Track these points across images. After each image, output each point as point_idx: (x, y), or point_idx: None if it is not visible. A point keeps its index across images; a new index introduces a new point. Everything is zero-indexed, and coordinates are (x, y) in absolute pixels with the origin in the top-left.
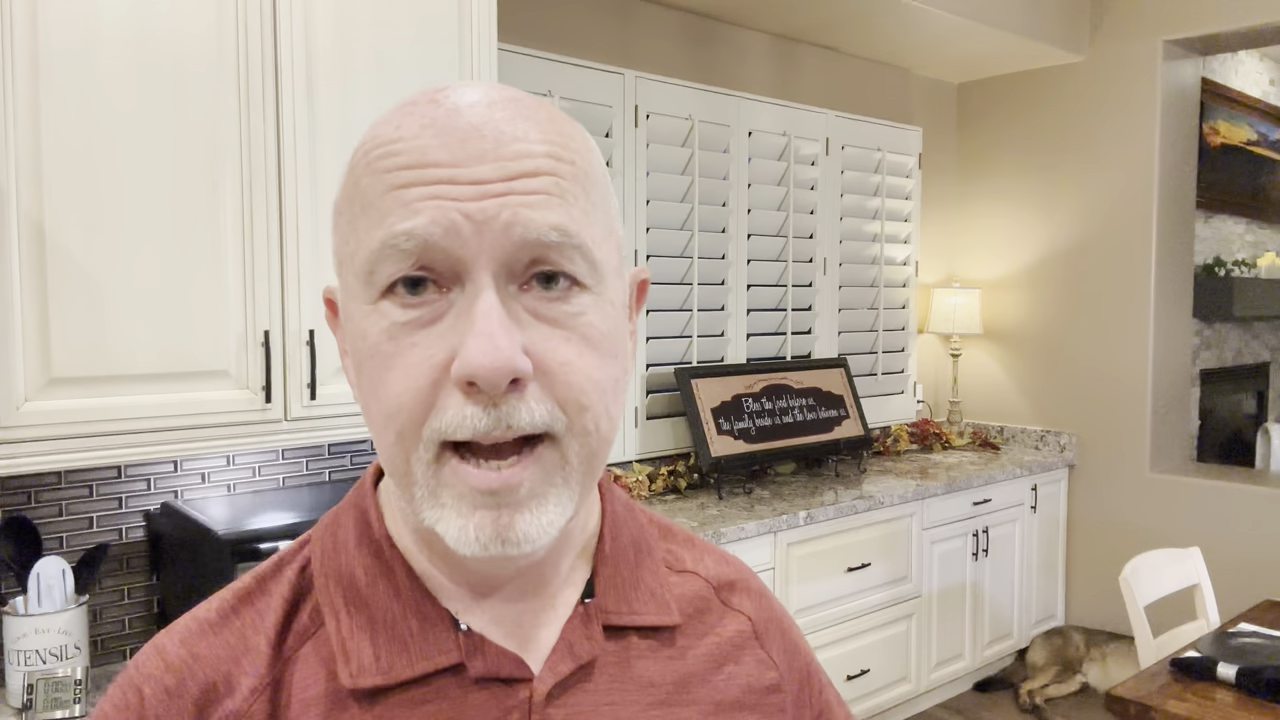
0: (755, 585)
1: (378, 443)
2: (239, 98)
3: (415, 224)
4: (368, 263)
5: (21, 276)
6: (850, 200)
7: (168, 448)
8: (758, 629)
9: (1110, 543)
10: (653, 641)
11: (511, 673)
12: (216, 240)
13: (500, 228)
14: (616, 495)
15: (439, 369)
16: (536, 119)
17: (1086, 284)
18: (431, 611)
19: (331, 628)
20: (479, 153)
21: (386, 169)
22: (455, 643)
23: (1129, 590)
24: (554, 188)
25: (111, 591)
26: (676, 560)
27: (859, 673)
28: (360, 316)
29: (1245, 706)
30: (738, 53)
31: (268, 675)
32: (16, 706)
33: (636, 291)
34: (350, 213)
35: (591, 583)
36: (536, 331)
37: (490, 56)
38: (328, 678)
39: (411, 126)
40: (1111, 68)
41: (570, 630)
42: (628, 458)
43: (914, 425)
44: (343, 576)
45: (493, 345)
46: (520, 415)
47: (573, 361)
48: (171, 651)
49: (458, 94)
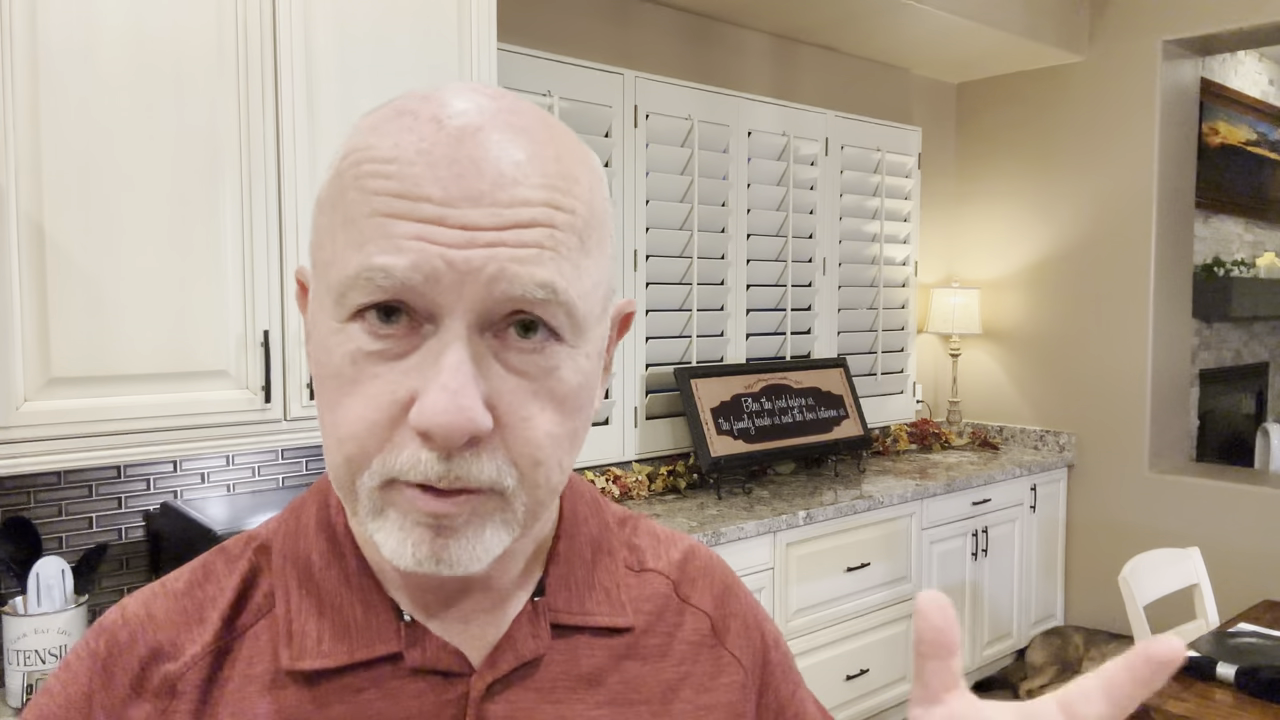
0: (719, 577)
1: (327, 456)
2: (239, 98)
3: (396, 263)
4: (340, 285)
5: (21, 276)
6: (850, 200)
7: (167, 448)
8: (716, 626)
9: (1109, 543)
10: (606, 642)
11: (450, 666)
12: (216, 240)
13: (484, 280)
14: (580, 493)
15: (399, 406)
16: (541, 158)
17: (1086, 284)
18: (377, 600)
19: (281, 609)
20: (475, 194)
21: (375, 191)
22: (396, 632)
23: (1128, 590)
24: (547, 240)
25: (111, 592)
26: (637, 560)
27: (859, 673)
28: (327, 332)
29: (1244, 706)
30: (737, 53)
31: (211, 644)
32: (16, 706)
33: (619, 325)
34: (331, 219)
35: (542, 582)
36: (504, 383)
37: (490, 56)
38: (273, 657)
39: (408, 149)
40: (1111, 68)
41: (516, 628)
42: (627, 458)
43: (913, 425)
44: (299, 559)
45: (455, 405)
46: (472, 470)
47: (534, 418)
48: (131, 610)
49: (462, 114)
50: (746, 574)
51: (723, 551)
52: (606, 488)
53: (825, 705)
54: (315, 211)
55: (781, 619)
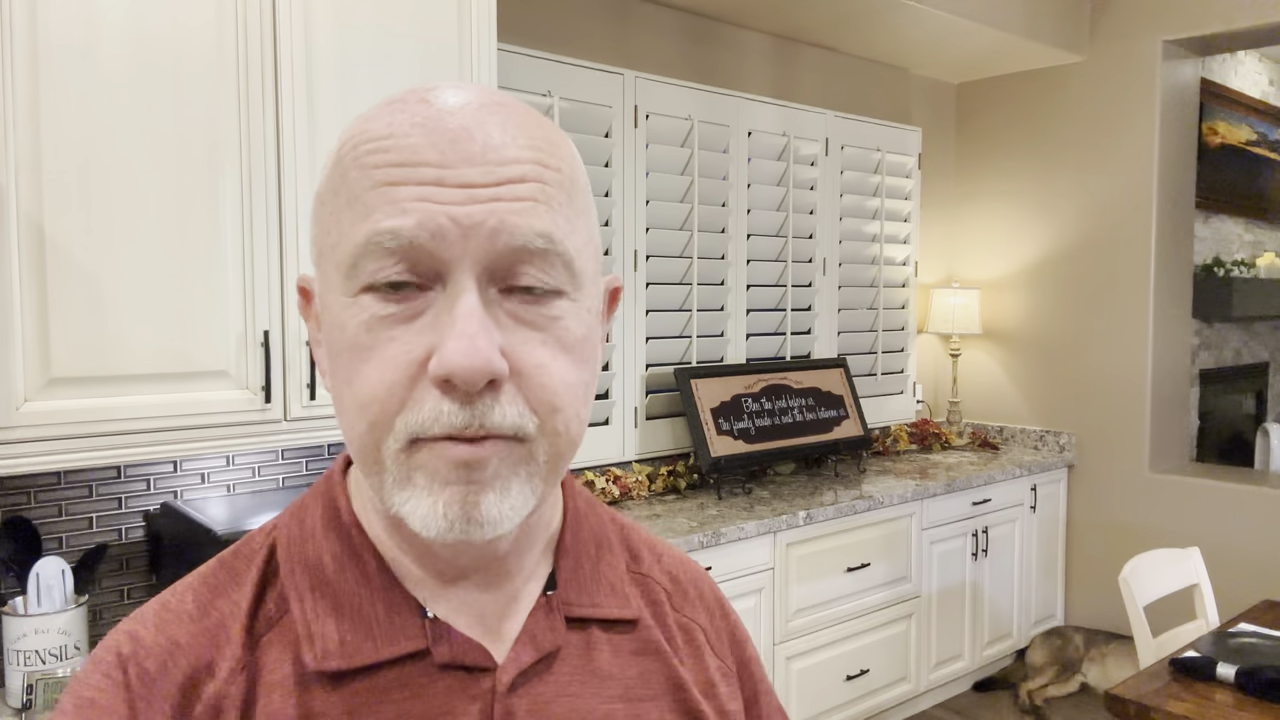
0: (710, 595)
1: (347, 431)
2: (239, 97)
3: (402, 224)
4: (350, 256)
5: (21, 276)
6: (850, 200)
7: (167, 448)
8: (709, 638)
9: (1110, 543)
10: (614, 635)
11: (476, 661)
12: (216, 240)
13: (486, 233)
14: (579, 493)
15: (416, 365)
16: (524, 125)
17: (1086, 284)
18: (398, 598)
19: (297, 612)
20: (468, 155)
21: (375, 165)
22: (421, 629)
23: (1128, 590)
24: (540, 194)
25: (111, 592)
26: (635, 561)
27: (859, 673)
28: (339, 308)
29: (1244, 706)
30: (737, 53)
31: (244, 657)
32: (16, 706)
33: (609, 299)
34: (334, 204)
35: (554, 576)
36: (514, 335)
37: (490, 57)
38: (293, 661)
39: (402, 124)
40: (1111, 68)
41: (533, 621)
42: (628, 458)
43: (913, 425)
44: (309, 563)
45: (472, 346)
46: (494, 416)
47: (547, 365)
48: (148, 638)
49: (447, 95)
50: (746, 574)
51: (723, 552)
52: (606, 488)
53: (825, 705)
54: (316, 206)
55: (781, 619)
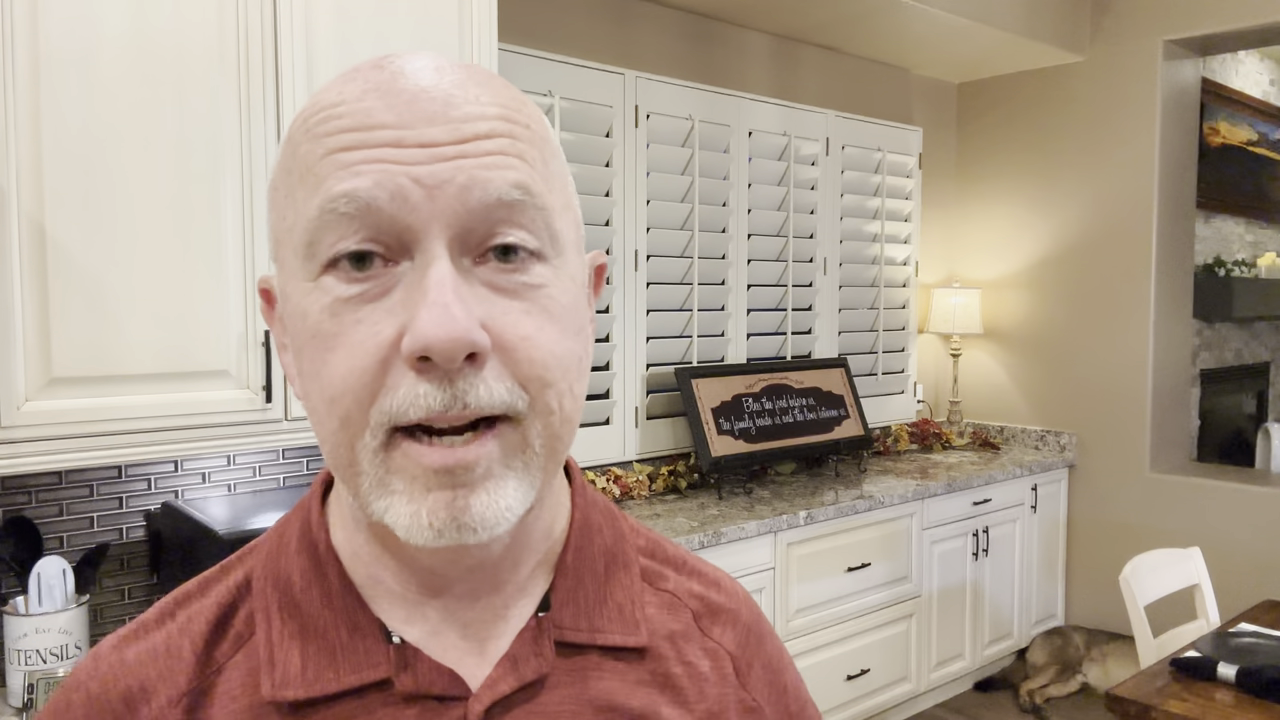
0: (745, 616)
1: (319, 431)
2: (239, 97)
3: (357, 184)
4: (306, 233)
5: (22, 276)
6: (850, 200)
7: (168, 448)
8: (738, 666)
9: (1110, 543)
10: (618, 662)
11: (444, 690)
12: (217, 240)
13: (455, 191)
14: (593, 500)
15: (387, 347)
16: (489, 85)
17: (1086, 284)
18: (363, 621)
19: (262, 633)
20: (428, 114)
21: (326, 133)
22: (385, 655)
23: (1129, 590)
24: (511, 149)
25: (112, 591)
26: (658, 577)
27: (859, 673)
28: (300, 295)
29: (1245, 706)
30: (738, 53)
31: (186, 685)
32: (17, 706)
33: (594, 275)
34: (287, 184)
35: (549, 596)
36: (494, 305)
37: (490, 57)
38: (255, 688)
39: (354, 90)
40: (1111, 68)
41: (518, 646)
42: (628, 458)
43: (914, 425)
44: (280, 580)
45: (447, 315)
46: (478, 393)
47: (534, 336)
48: (104, 656)
49: (404, 59)
50: (747, 574)
51: (723, 551)
52: (607, 488)
53: (826, 705)
54: (270, 194)
55: (782, 619)
